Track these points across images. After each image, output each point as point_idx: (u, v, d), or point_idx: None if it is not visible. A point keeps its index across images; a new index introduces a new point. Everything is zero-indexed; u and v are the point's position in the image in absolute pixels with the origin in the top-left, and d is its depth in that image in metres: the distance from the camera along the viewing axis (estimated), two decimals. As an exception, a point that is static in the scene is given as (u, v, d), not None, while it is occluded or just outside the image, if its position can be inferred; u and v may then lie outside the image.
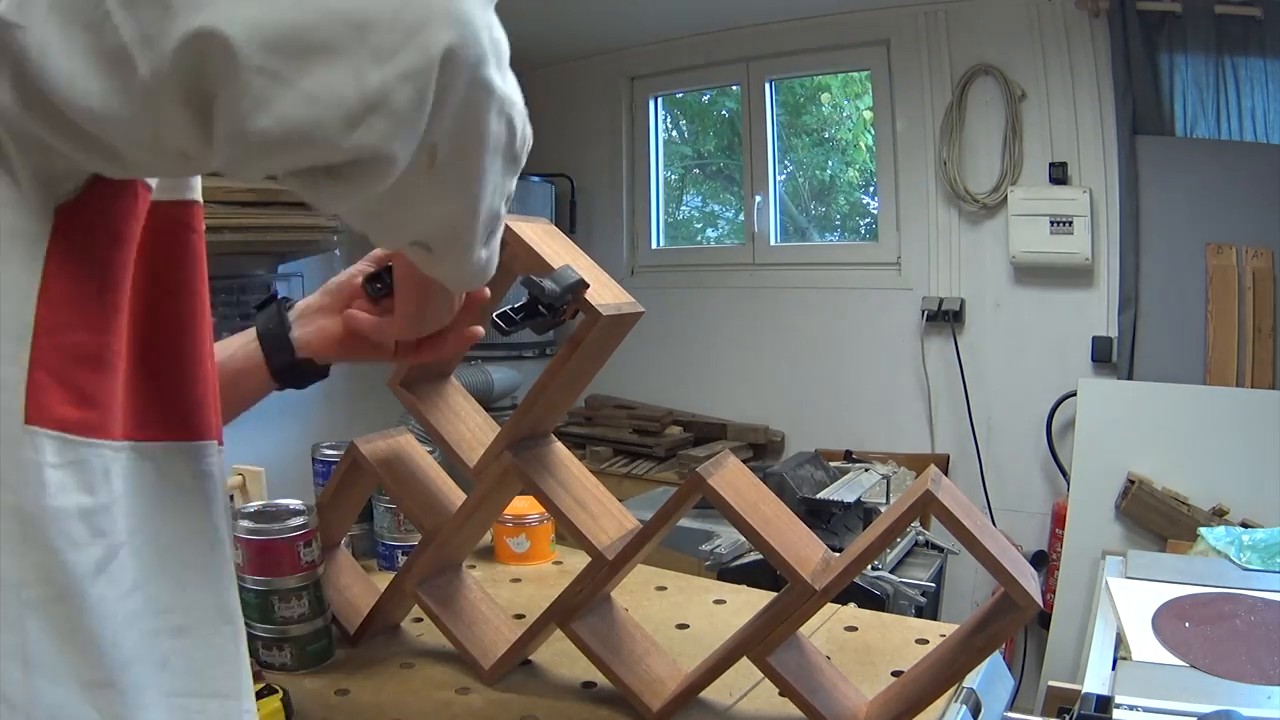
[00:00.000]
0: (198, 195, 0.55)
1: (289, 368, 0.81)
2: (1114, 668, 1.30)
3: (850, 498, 2.17)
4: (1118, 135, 2.73)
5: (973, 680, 0.92)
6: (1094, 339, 2.83)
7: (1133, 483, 2.48)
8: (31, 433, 0.44)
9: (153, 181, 0.51)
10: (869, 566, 1.00)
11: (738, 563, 1.97)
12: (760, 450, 3.32)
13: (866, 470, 2.49)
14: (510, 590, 1.24)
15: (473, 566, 1.32)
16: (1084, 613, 2.18)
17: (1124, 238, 2.75)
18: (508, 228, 0.84)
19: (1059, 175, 2.83)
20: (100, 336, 0.48)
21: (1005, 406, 2.97)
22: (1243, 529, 1.95)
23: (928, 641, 1.05)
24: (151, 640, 0.49)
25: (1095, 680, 1.27)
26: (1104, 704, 1.15)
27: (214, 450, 0.55)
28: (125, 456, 0.49)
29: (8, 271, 0.44)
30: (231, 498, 1.25)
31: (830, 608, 1.12)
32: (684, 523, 1.88)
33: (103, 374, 0.48)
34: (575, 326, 0.86)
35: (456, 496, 1.03)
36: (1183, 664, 1.26)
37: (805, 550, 0.85)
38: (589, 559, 0.91)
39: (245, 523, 0.98)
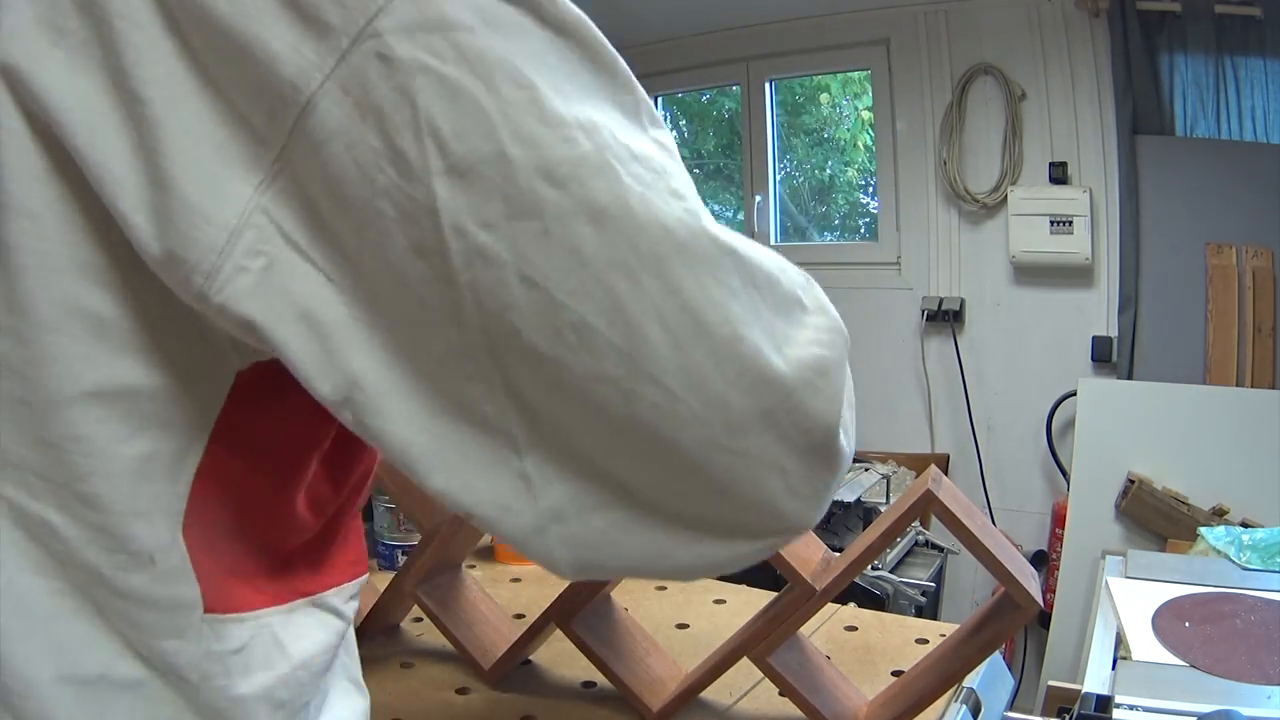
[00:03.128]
0: None
1: None
2: (1114, 667, 1.29)
3: (850, 498, 2.17)
4: (1118, 135, 2.73)
5: (973, 680, 0.92)
6: (1094, 339, 2.83)
7: (1133, 482, 2.48)
8: (211, 622, 0.41)
9: None
10: (869, 566, 1.01)
11: (738, 563, 1.96)
12: (760, 450, 3.32)
13: (866, 470, 2.49)
14: (510, 590, 1.24)
15: (473, 566, 1.32)
16: (1084, 612, 2.18)
17: (1124, 238, 2.75)
18: None
19: (1059, 175, 2.83)
20: (269, 529, 0.45)
21: (1005, 406, 2.97)
22: (1243, 529, 1.94)
23: (928, 641, 1.05)
24: None
25: (1095, 680, 1.27)
26: (1104, 704, 1.15)
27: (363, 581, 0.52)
28: (300, 612, 0.46)
29: (175, 438, 0.40)
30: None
31: (830, 607, 1.11)
32: (684, 523, 1.87)
33: (264, 551, 0.44)
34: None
35: (456, 496, 1.02)
36: (1183, 664, 1.26)
37: (805, 550, 0.85)
38: (589, 559, 0.91)
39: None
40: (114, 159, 0.35)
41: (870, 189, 3.38)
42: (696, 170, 3.92)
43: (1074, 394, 2.71)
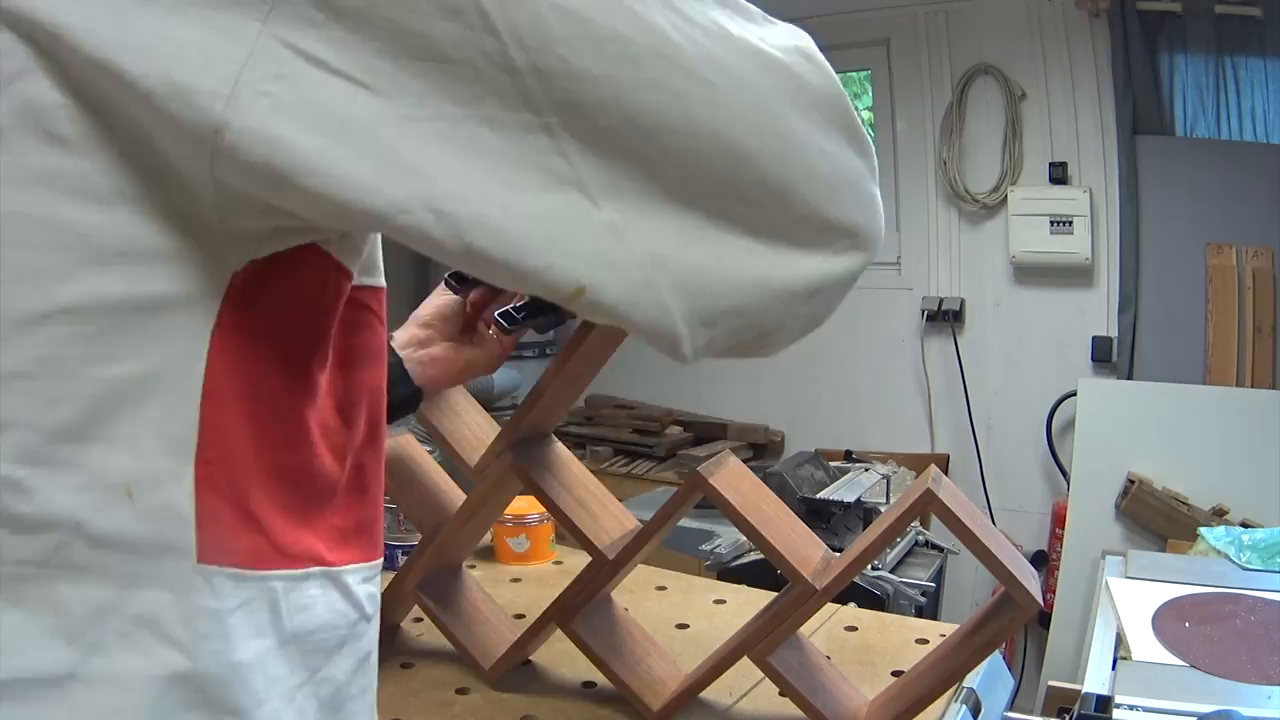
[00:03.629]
0: (383, 279, 0.50)
1: (407, 400, 0.81)
2: (1114, 668, 1.29)
3: (850, 497, 2.17)
4: (1118, 135, 2.73)
5: (973, 680, 0.92)
6: (1094, 339, 2.83)
7: (1133, 483, 2.48)
8: (206, 573, 0.38)
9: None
10: (869, 566, 1.01)
11: (738, 563, 1.97)
12: (760, 450, 3.32)
13: (866, 470, 2.49)
14: (510, 590, 1.24)
15: (473, 566, 1.32)
16: (1084, 613, 2.18)
17: (1124, 238, 2.75)
18: None
19: (1059, 175, 2.83)
20: (285, 447, 0.42)
21: (1005, 406, 2.97)
22: (1243, 529, 1.95)
23: (928, 641, 1.05)
24: None
25: (1095, 680, 1.27)
26: (1104, 704, 1.15)
27: (379, 569, 0.49)
28: (312, 583, 0.43)
29: (168, 356, 0.37)
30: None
31: (830, 607, 1.11)
32: (684, 523, 1.88)
33: (284, 490, 0.42)
34: (577, 325, 0.86)
35: (456, 496, 1.03)
36: (1183, 664, 1.26)
37: (806, 550, 0.85)
38: (589, 559, 0.91)
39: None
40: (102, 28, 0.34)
41: (870, 189, 3.38)
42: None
43: (1074, 394, 2.71)
